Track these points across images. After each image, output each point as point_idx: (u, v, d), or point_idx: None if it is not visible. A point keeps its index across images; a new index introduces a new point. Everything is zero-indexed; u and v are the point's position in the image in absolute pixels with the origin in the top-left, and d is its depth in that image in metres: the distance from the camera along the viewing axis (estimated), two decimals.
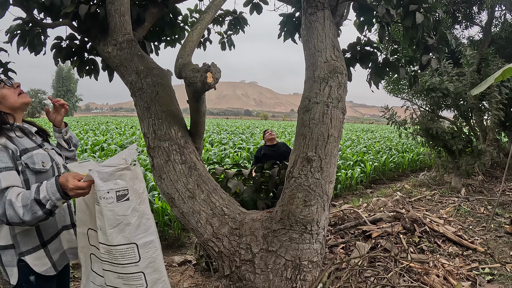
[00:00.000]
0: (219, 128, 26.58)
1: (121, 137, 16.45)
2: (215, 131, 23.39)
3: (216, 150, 12.06)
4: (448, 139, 7.65)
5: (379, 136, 22.43)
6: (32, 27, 3.67)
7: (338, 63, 3.14)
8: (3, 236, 1.70)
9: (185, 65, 3.11)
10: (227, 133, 21.93)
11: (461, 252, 4.29)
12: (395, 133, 8.76)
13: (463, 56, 8.59)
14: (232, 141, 16.39)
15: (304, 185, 2.76)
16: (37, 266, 1.75)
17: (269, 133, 5.44)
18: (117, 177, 1.62)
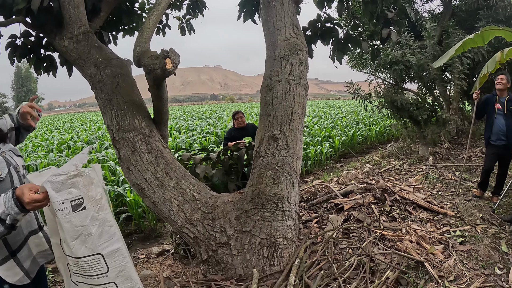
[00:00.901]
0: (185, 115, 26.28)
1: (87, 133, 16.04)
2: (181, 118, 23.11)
3: (184, 137, 11.97)
4: (413, 110, 7.87)
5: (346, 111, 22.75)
6: None
7: (298, 40, 3.14)
8: None
9: (144, 53, 3.03)
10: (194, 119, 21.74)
11: (432, 217, 4.44)
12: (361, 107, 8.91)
13: (424, 29, 8.78)
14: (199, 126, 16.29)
15: (271, 164, 2.78)
16: (10, 277, 1.69)
17: (240, 117, 5.49)
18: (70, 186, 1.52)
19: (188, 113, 28.35)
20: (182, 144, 10.64)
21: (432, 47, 8.18)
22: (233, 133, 5.47)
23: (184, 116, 24.42)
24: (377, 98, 8.37)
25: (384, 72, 8.78)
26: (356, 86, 8.47)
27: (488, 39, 4.91)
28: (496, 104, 4.92)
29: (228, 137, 5.47)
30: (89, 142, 12.77)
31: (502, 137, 4.85)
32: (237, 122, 5.42)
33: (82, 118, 35.44)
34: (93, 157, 8.71)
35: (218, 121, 18.07)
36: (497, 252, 3.64)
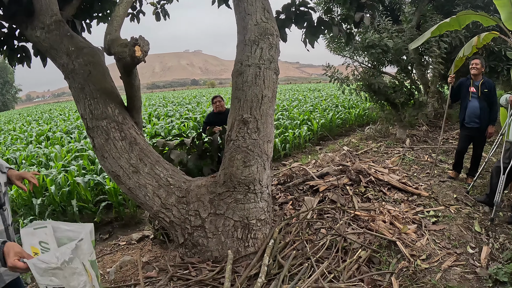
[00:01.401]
0: (165, 101, 25.98)
1: (66, 123, 15.78)
2: (161, 104, 22.87)
3: (163, 123, 11.91)
4: (390, 93, 7.99)
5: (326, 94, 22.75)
6: None
7: (268, 24, 3.17)
8: None
9: (114, 41, 3.02)
10: (173, 105, 21.53)
11: (406, 198, 4.52)
12: (339, 90, 8.98)
13: (402, 14, 8.84)
14: (178, 112, 16.18)
15: (242, 147, 2.84)
16: None
17: (218, 103, 5.47)
18: (51, 275, 1.51)
19: (167, 99, 28.04)
20: (161, 131, 10.59)
21: (410, 31, 8.27)
22: (211, 118, 5.46)
23: (164, 102, 24.17)
24: (354, 81, 8.44)
25: (362, 55, 8.84)
26: (334, 69, 8.53)
27: (465, 23, 5.00)
28: (470, 87, 5.00)
29: (207, 122, 5.44)
30: (67, 132, 12.58)
31: (476, 119, 4.96)
32: (216, 106, 5.40)
33: (61, 108, 34.72)
34: (72, 147, 8.64)
35: (197, 107, 17.98)
36: (470, 232, 3.71)
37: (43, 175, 5.89)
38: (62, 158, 7.79)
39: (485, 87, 4.91)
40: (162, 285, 2.87)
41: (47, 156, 8.07)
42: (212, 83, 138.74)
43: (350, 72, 8.59)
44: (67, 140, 10.74)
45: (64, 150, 8.33)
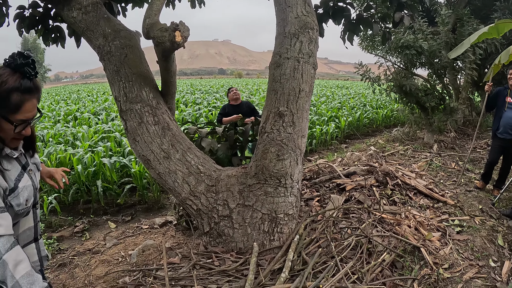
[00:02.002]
0: (193, 88, 26.13)
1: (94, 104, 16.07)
2: (188, 91, 22.99)
3: (190, 110, 11.98)
4: (421, 96, 7.80)
5: (354, 93, 22.48)
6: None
7: (309, 18, 3.11)
8: None
9: (153, 25, 3.03)
10: (201, 92, 21.63)
11: (431, 204, 4.45)
12: (370, 90, 8.86)
13: (438, 15, 8.61)
14: (206, 100, 16.24)
15: (276, 140, 2.81)
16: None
17: (234, 93, 5.46)
18: None
19: (195, 87, 28.18)
20: (188, 118, 10.68)
21: (445, 34, 8.04)
22: (227, 109, 5.47)
23: (191, 90, 24.30)
24: (386, 82, 8.28)
25: (395, 55, 8.66)
26: (366, 68, 8.37)
27: (503, 31, 4.82)
28: (507, 97, 4.84)
29: (222, 113, 5.47)
30: (95, 114, 12.81)
31: (510, 131, 4.79)
32: (231, 96, 5.41)
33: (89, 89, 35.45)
34: (99, 129, 8.79)
35: (225, 96, 18.04)
36: (493, 245, 3.65)
37: (70, 153, 6.01)
38: (89, 138, 7.94)
39: None
40: (184, 272, 2.88)
41: (74, 135, 8.24)
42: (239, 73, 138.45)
43: (382, 72, 8.43)
44: (94, 121, 10.95)
45: (91, 131, 8.49)
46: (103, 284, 2.90)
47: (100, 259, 3.47)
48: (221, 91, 21.91)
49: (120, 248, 3.70)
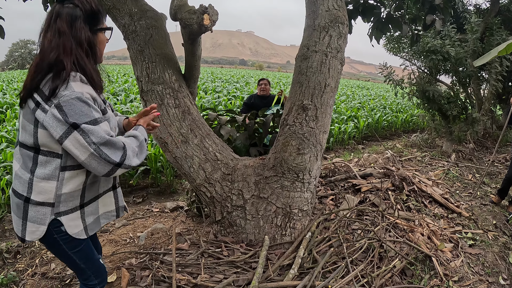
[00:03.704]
0: (213, 77, 26.07)
1: (114, 84, 16.16)
2: (209, 79, 22.97)
3: (210, 97, 11.97)
4: (444, 104, 7.63)
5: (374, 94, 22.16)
6: None
7: (340, 12, 3.03)
8: (46, 192, 1.56)
9: (181, 7, 2.98)
10: (221, 81, 21.56)
11: (446, 214, 4.37)
12: (391, 92, 8.75)
13: (467, 23, 8.39)
14: (226, 89, 16.18)
15: (298, 133, 2.75)
16: (70, 228, 1.63)
17: (263, 87, 5.31)
18: None
19: (215, 75, 28.14)
20: (207, 105, 10.67)
21: (473, 42, 7.83)
22: (253, 100, 5.35)
23: (212, 78, 24.30)
24: (409, 85, 8.12)
25: (420, 60, 8.47)
26: (390, 70, 8.22)
27: None
28: None
29: (247, 103, 5.35)
30: (114, 94, 12.88)
31: None
32: (261, 88, 5.27)
33: (110, 70, 35.81)
34: (118, 109, 8.83)
35: (245, 86, 17.93)
36: (504, 262, 3.59)
37: None
38: None
39: None
40: (192, 259, 2.85)
41: None
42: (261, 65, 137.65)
43: (406, 75, 8.27)
44: (113, 101, 11.01)
45: None
46: (109, 263, 2.90)
47: (108, 238, 3.47)
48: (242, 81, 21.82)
49: (129, 229, 3.70)
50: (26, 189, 1.56)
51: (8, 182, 4.60)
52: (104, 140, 1.46)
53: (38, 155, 1.53)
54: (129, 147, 1.54)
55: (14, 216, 1.63)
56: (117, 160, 1.48)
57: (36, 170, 1.54)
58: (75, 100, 1.44)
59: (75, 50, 1.51)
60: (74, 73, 1.49)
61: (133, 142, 1.60)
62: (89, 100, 1.48)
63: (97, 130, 1.46)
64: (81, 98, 1.45)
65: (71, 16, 1.50)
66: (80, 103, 1.45)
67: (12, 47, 67.84)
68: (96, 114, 1.49)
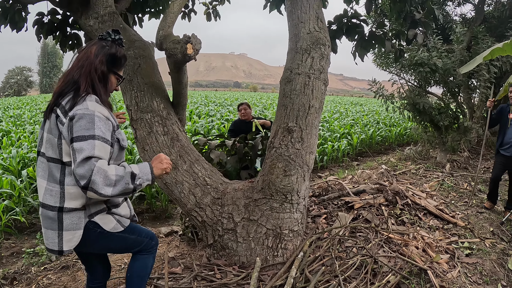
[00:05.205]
0: (207, 100, 26.17)
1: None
2: (203, 103, 23.07)
3: (203, 122, 12.00)
4: (435, 115, 7.70)
5: (368, 110, 22.31)
6: (12, 3, 3.59)
7: (321, 34, 3.12)
8: (77, 197, 1.73)
9: (166, 37, 3.08)
10: (215, 105, 21.62)
11: (441, 225, 4.37)
12: (383, 107, 8.78)
13: (453, 33, 8.55)
14: (219, 112, 16.25)
15: (284, 155, 2.80)
16: (106, 225, 1.83)
17: (242, 113, 5.20)
18: None
19: (209, 99, 28.29)
20: (201, 129, 10.70)
21: (460, 52, 7.97)
22: (237, 126, 5.28)
23: (206, 102, 24.42)
24: (399, 99, 8.21)
25: (409, 73, 8.59)
26: (379, 85, 8.32)
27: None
28: (510, 114, 4.84)
29: (232, 129, 5.28)
30: None
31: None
32: (241, 113, 5.20)
33: None
34: None
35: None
36: (503, 269, 3.57)
37: None
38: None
39: None
40: (185, 283, 2.87)
41: None
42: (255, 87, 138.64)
43: (396, 89, 8.36)
44: None
45: None
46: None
47: None
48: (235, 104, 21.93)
49: (124, 255, 3.70)
50: (59, 199, 1.71)
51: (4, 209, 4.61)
52: (82, 158, 1.55)
53: (65, 165, 1.71)
54: (101, 174, 1.55)
55: (48, 232, 1.76)
56: (81, 184, 1.55)
57: (65, 179, 1.71)
58: (84, 116, 1.63)
59: (92, 74, 1.77)
60: (91, 95, 1.74)
61: (117, 171, 1.62)
62: (98, 120, 1.65)
63: (82, 148, 1.57)
64: (90, 116, 1.64)
65: (99, 50, 1.81)
66: (87, 119, 1.63)
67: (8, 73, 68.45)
68: (98, 131, 1.63)
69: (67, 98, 1.71)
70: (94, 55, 1.80)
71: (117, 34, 1.89)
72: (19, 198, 4.94)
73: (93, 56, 1.80)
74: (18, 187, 4.94)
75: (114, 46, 1.86)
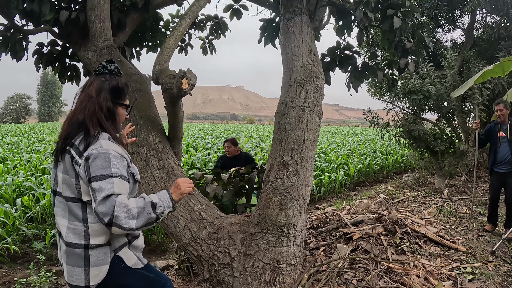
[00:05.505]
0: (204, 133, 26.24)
1: None
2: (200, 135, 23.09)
3: (200, 155, 11.96)
4: (431, 141, 7.74)
5: (364, 139, 22.36)
6: (14, 33, 3.66)
7: (314, 67, 3.18)
8: (102, 234, 1.75)
9: (162, 71, 3.13)
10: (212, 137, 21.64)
11: (442, 252, 4.33)
12: (379, 136, 8.83)
13: (444, 59, 8.71)
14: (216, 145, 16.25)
15: (280, 189, 2.79)
16: (128, 260, 1.84)
17: (227, 147, 5.17)
18: None
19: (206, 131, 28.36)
20: (198, 162, 10.63)
21: (452, 77, 8.10)
22: (222, 161, 5.26)
23: (203, 134, 24.47)
24: (395, 127, 8.27)
25: (403, 101, 8.70)
26: (374, 115, 8.41)
27: (509, 69, 4.85)
28: (499, 132, 4.94)
29: (217, 165, 5.24)
30: None
31: (506, 164, 4.85)
32: (226, 151, 5.20)
33: None
34: None
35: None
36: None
37: None
38: None
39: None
40: None
41: None
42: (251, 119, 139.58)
43: (391, 118, 8.44)
44: None
45: None
46: None
47: None
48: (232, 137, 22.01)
49: None
50: (83, 237, 1.72)
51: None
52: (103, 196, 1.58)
53: (86, 204, 1.72)
54: (123, 209, 1.58)
55: (74, 269, 1.76)
56: (104, 221, 1.57)
57: (87, 217, 1.72)
58: (99, 155, 1.64)
59: (98, 113, 1.76)
60: (103, 133, 1.74)
61: (138, 204, 1.65)
62: (113, 158, 1.67)
63: (102, 187, 1.59)
64: (105, 155, 1.65)
65: (99, 87, 1.79)
66: (102, 158, 1.64)
67: (8, 100, 68.99)
68: (113, 170, 1.64)
69: (79, 139, 1.72)
70: (96, 93, 1.79)
71: (112, 64, 1.87)
72: (13, 227, 4.87)
73: (95, 94, 1.79)
74: (12, 215, 4.89)
75: (113, 78, 1.84)
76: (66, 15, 3.44)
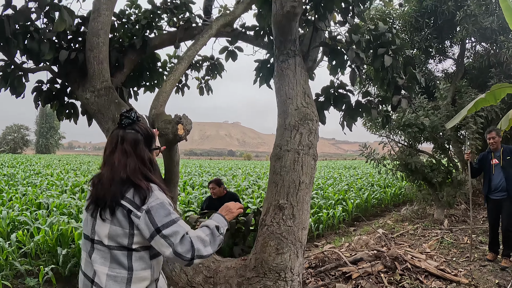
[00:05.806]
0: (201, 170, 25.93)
1: None
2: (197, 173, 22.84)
3: (197, 193, 11.78)
4: (428, 172, 7.79)
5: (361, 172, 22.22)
6: (13, 69, 3.72)
7: (308, 110, 3.24)
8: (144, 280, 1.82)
9: (158, 116, 3.17)
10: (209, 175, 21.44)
11: (444, 286, 4.26)
12: (376, 170, 8.87)
13: (437, 90, 8.87)
14: None
15: (276, 233, 2.79)
16: None
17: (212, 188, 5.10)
18: None
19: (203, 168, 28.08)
20: (195, 201, 10.48)
21: (446, 108, 8.24)
22: (208, 203, 5.20)
23: (200, 171, 24.24)
24: (391, 161, 8.33)
25: (399, 134, 8.79)
26: (370, 149, 8.48)
27: (500, 97, 4.96)
28: (492, 160, 5.01)
29: (203, 208, 5.17)
30: None
31: (502, 191, 4.88)
32: (212, 192, 5.12)
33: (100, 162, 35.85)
34: None
35: (232, 179, 17.61)
36: None
37: (72, 227, 5.94)
38: None
39: (507, 154, 4.87)
40: None
41: (79, 208, 8.19)
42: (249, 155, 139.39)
43: (387, 151, 8.51)
44: None
45: None
46: None
47: None
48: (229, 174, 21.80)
49: None
50: (125, 284, 1.77)
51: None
52: (178, 239, 1.70)
53: (133, 252, 1.78)
54: (198, 240, 1.73)
55: None
56: (188, 257, 1.70)
57: (133, 265, 1.78)
58: (159, 206, 1.73)
59: (141, 168, 1.80)
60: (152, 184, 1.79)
61: (204, 232, 1.80)
62: (168, 205, 1.77)
63: (175, 231, 1.71)
64: (163, 204, 1.75)
65: (134, 141, 1.81)
66: (163, 208, 1.74)
67: (6, 130, 69.21)
68: (174, 215, 1.76)
69: (131, 193, 1.74)
70: (133, 149, 1.80)
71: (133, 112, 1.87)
72: (6, 262, 4.79)
73: (132, 149, 1.80)
74: (6, 250, 4.81)
75: (141, 126, 1.86)
76: (66, 54, 3.52)
